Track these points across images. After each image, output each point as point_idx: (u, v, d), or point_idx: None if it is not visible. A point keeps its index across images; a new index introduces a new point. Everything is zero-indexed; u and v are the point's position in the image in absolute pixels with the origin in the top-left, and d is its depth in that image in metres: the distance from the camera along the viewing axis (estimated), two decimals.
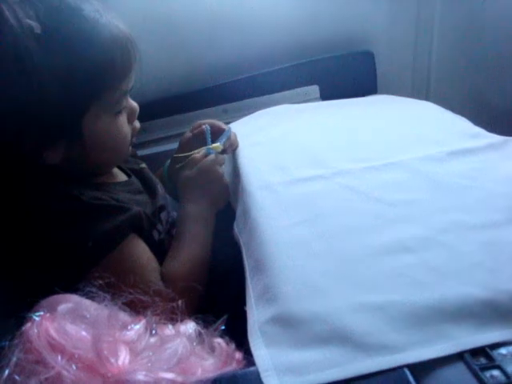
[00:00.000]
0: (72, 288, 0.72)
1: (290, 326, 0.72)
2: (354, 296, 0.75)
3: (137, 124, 1.09)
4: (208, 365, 0.67)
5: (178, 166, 1.21)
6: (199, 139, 1.23)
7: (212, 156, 1.17)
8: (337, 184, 1.00)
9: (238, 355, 0.72)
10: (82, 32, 0.91)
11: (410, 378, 0.62)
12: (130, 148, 1.11)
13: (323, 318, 0.71)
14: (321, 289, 0.77)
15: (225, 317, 0.77)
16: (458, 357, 0.64)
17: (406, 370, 0.63)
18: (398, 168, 1.03)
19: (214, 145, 1.18)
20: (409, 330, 0.68)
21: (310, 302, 0.75)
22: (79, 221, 0.95)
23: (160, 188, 1.22)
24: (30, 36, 0.85)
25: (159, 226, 1.11)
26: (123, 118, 1.03)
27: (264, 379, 0.64)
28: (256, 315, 0.77)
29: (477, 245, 0.82)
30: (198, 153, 1.18)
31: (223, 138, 1.20)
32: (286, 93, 1.63)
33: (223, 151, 1.21)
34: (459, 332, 0.67)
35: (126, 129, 1.04)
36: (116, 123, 1.01)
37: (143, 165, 1.25)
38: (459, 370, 0.63)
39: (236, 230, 1.00)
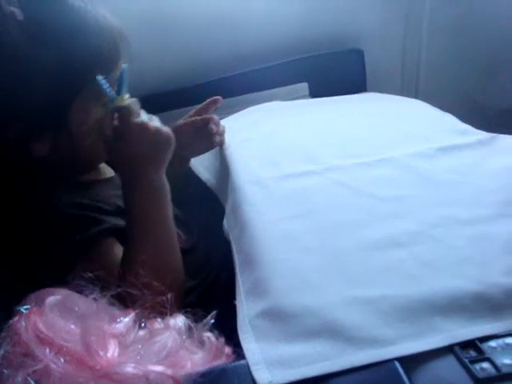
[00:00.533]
0: (60, 281, 0.71)
1: (280, 320, 0.71)
2: (345, 290, 0.75)
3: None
4: (197, 358, 0.67)
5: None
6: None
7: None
8: (328, 179, 1.00)
9: (228, 349, 0.71)
10: (67, 20, 0.90)
11: (401, 370, 0.62)
12: None
13: (314, 311, 0.71)
14: (312, 283, 0.77)
15: (214, 312, 0.77)
16: (448, 349, 0.64)
17: (396, 363, 0.63)
18: (389, 164, 1.03)
19: (117, 99, 0.96)
20: (399, 324, 0.68)
21: (301, 295, 0.75)
22: (54, 228, 0.93)
23: None
24: (13, 23, 0.84)
25: None
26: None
27: (254, 372, 0.64)
28: (246, 309, 0.76)
29: (467, 239, 0.82)
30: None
31: (122, 83, 0.97)
32: (276, 90, 1.62)
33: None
34: (449, 325, 0.67)
35: (110, 121, 0.99)
36: (101, 115, 0.98)
37: None
38: (449, 363, 0.63)
39: (226, 225, 1.00)
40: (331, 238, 0.86)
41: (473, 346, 0.64)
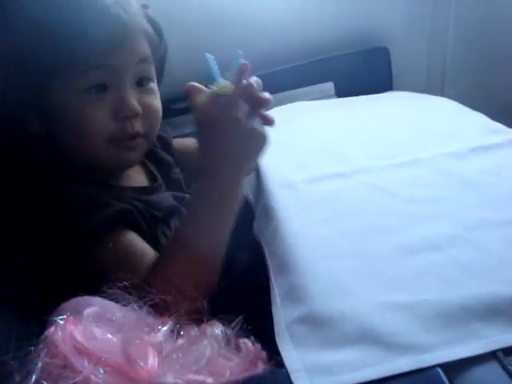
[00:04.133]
0: (95, 290, 0.71)
1: (318, 326, 0.71)
2: (382, 295, 0.74)
3: (130, 127, 0.97)
4: (235, 365, 0.66)
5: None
6: None
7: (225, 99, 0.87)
8: (359, 182, 1.00)
9: (264, 355, 0.71)
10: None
11: (444, 377, 0.61)
12: (129, 154, 1.01)
13: (351, 317, 0.71)
14: (347, 288, 0.76)
15: (241, 316, 0.75)
16: (491, 356, 0.63)
17: (439, 370, 0.62)
18: (420, 165, 1.02)
19: (221, 84, 0.87)
20: (439, 329, 0.67)
21: (338, 301, 0.74)
22: (66, 215, 0.93)
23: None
24: None
25: (167, 231, 1.04)
26: (97, 102, 0.94)
27: (294, 380, 0.64)
28: (283, 315, 0.76)
29: (504, 241, 0.81)
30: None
31: (233, 71, 0.87)
32: (301, 90, 1.61)
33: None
34: (490, 331, 0.66)
35: (99, 116, 0.94)
36: (83, 102, 0.94)
37: (179, 175, 1.20)
38: (494, 370, 0.62)
39: (256, 229, 0.99)
40: (364, 242, 0.85)
41: None
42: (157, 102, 1.03)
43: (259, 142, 0.90)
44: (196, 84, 0.90)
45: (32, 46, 0.89)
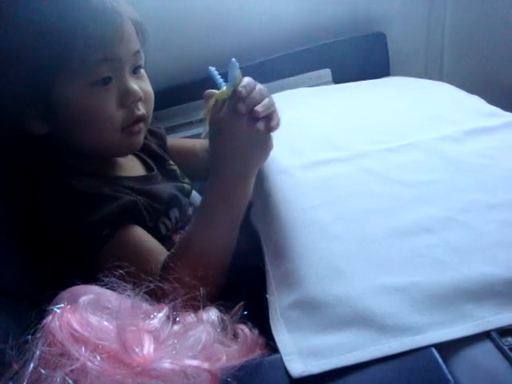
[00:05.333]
0: (91, 278, 0.72)
1: (312, 310, 0.72)
2: (376, 278, 0.74)
3: (137, 110, 1.01)
4: (232, 351, 0.67)
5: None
6: None
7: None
8: (354, 166, 0.99)
9: (261, 341, 0.72)
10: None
11: (438, 357, 0.62)
12: (135, 139, 1.04)
13: (345, 300, 0.71)
14: (341, 271, 0.77)
15: (242, 302, 0.77)
16: (486, 337, 0.64)
17: (434, 350, 0.63)
18: (416, 149, 1.02)
19: (219, 91, 0.92)
20: (432, 311, 0.68)
21: (331, 285, 0.75)
22: (72, 209, 0.95)
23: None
24: None
25: (167, 222, 1.08)
26: (105, 94, 0.97)
27: (287, 363, 0.65)
28: (277, 301, 0.77)
29: (497, 224, 0.81)
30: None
31: (231, 77, 0.91)
32: (298, 77, 1.62)
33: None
34: (483, 312, 0.67)
35: (109, 107, 0.97)
36: (90, 96, 0.96)
37: (174, 167, 1.23)
38: (487, 349, 0.63)
39: (253, 216, 0.99)
40: (359, 226, 0.85)
41: (508, 332, 0.64)
42: (150, 87, 1.06)
43: (262, 143, 0.93)
44: (210, 91, 0.93)
45: (34, 46, 0.90)
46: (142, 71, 1.05)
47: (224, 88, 0.91)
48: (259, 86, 0.92)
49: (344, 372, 0.63)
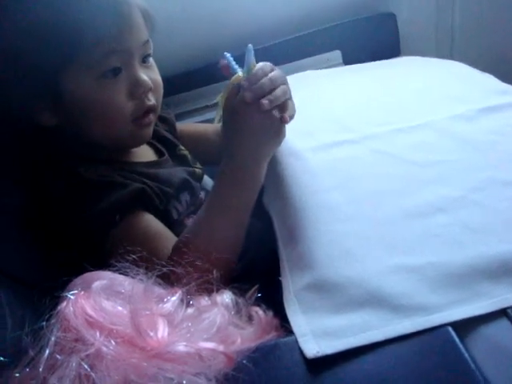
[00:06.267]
0: (104, 264, 0.72)
1: (326, 292, 0.72)
2: (389, 259, 0.74)
3: (147, 101, 1.00)
4: (247, 334, 0.67)
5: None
6: None
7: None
8: (365, 148, 0.99)
9: (276, 323, 0.72)
10: None
11: (454, 335, 0.61)
12: (146, 130, 1.04)
13: (358, 281, 0.71)
14: (355, 253, 0.76)
15: (257, 285, 0.77)
16: (502, 314, 0.64)
17: (450, 329, 0.62)
18: (428, 129, 1.01)
19: (234, 76, 0.93)
20: (447, 290, 0.68)
21: (345, 266, 0.74)
22: (80, 197, 0.95)
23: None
24: None
25: (178, 206, 1.07)
26: (115, 86, 0.96)
27: (301, 344, 0.64)
28: (291, 283, 0.77)
29: (511, 201, 0.81)
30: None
31: (247, 63, 0.92)
32: (309, 59, 1.61)
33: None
34: (499, 290, 0.67)
35: (119, 98, 0.97)
36: (100, 88, 0.95)
37: (185, 151, 1.22)
38: (504, 327, 0.62)
39: (265, 199, 0.99)
40: (372, 207, 0.85)
41: None
42: (159, 76, 1.05)
43: (276, 129, 0.93)
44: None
45: (42, 38, 0.89)
46: (151, 60, 1.04)
47: (240, 73, 0.92)
48: (273, 73, 0.92)
49: (358, 352, 0.62)
